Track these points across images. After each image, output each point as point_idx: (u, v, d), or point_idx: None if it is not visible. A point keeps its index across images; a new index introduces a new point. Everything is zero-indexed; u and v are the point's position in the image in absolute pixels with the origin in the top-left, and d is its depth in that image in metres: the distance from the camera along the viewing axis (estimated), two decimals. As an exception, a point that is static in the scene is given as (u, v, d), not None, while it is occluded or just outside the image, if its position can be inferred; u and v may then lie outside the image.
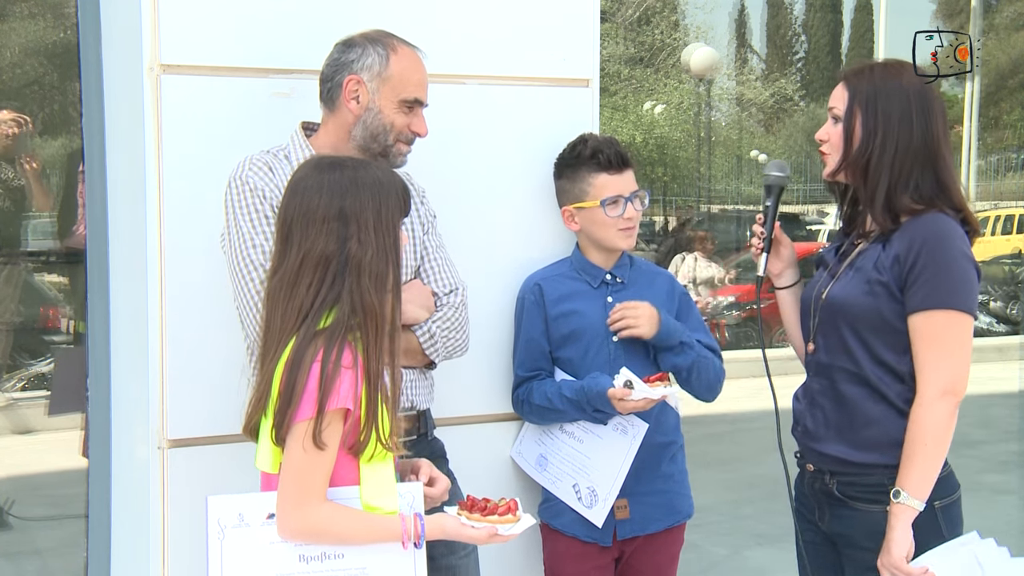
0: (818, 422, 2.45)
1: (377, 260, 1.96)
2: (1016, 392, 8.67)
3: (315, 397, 1.89)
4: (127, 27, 2.63)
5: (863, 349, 2.36)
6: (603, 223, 2.78)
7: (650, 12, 29.23)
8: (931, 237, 2.28)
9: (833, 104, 2.43)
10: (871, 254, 2.38)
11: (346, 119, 2.40)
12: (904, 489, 2.28)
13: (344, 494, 1.97)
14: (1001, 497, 6.09)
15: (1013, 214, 20.71)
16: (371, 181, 2.00)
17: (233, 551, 1.96)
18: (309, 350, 1.91)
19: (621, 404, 2.62)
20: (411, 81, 2.41)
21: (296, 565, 1.97)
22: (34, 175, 5.71)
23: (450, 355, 2.51)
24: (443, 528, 2.04)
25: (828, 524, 2.46)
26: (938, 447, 2.28)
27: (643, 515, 2.80)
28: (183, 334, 2.58)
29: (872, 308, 2.34)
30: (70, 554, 4.57)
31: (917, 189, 2.34)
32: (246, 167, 2.37)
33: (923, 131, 2.34)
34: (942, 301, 2.27)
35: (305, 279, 1.95)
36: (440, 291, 2.50)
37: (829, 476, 2.43)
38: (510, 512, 2.06)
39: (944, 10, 34.47)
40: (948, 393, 2.27)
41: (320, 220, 1.95)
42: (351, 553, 1.98)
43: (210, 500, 1.98)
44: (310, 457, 1.91)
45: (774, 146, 33.39)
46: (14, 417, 6.78)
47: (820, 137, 2.46)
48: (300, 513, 1.93)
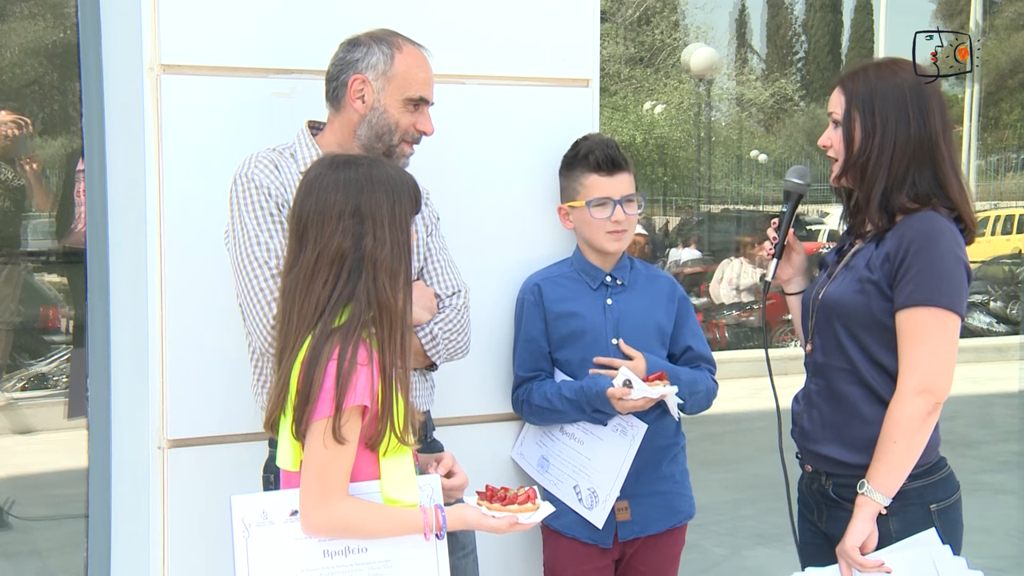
0: (815, 423, 2.45)
1: (392, 257, 1.99)
2: (1016, 392, 8.67)
3: (332, 395, 1.91)
4: (127, 27, 2.63)
5: (857, 348, 2.36)
6: (590, 224, 2.78)
7: (650, 12, 29.24)
8: (920, 235, 2.28)
9: (832, 109, 2.43)
10: (864, 253, 2.38)
11: (351, 118, 2.40)
12: (870, 482, 2.28)
13: (365, 488, 2.00)
14: (1001, 497, 6.09)
15: (1013, 214, 20.71)
16: (385, 179, 2.02)
17: (259, 549, 1.99)
18: (326, 348, 1.94)
19: (620, 404, 2.62)
20: (416, 80, 2.41)
21: (320, 560, 2.00)
22: (34, 175, 5.72)
23: (451, 357, 2.51)
24: (464, 519, 2.06)
25: (825, 525, 2.46)
26: (910, 445, 2.27)
27: (644, 516, 2.79)
28: (183, 334, 2.58)
29: (863, 306, 2.34)
30: (70, 554, 4.58)
31: (914, 187, 2.34)
32: (252, 164, 2.36)
33: (920, 128, 2.34)
34: (927, 298, 2.26)
35: (321, 276, 1.97)
36: (443, 293, 2.50)
37: (825, 477, 2.43)
38: (529, 501, 2.08)
39: (944, 10, 34.45)
40: (926, 391, 2.26)
41: (336, 217, 1.97)
42: (374, 547, 2.01)
43: (234, 499, 2.01)
44: (330, 454, 1.93)
45: (774, 146, 33.38)
46: (14, 417, 6.78)
47: (823, 143, 2.46)
48: (323, 509, 1.95)
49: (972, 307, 13.64)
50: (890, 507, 2.30)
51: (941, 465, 2.39)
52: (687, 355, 2.87)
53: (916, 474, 2.32)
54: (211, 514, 2.58)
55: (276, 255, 2.26)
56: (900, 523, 2.31)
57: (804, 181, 2.60)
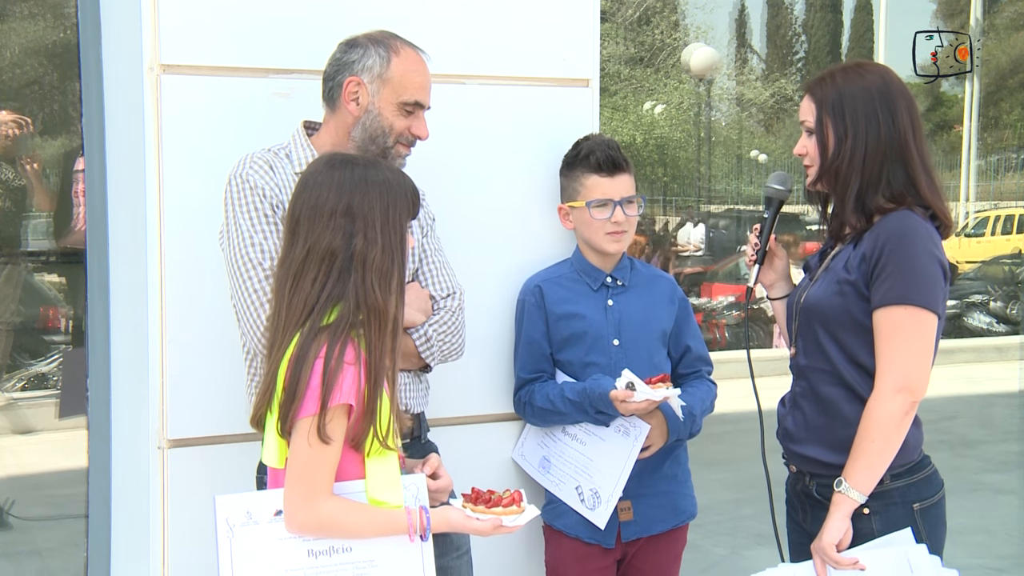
0: (798, 424, 2.46)
1: (383, 258, 1.99)
2: (1016, 392, 8.67)
3: (318, 393, 1.91)
4: (127, 27, 2.63)
5: (837, 349, 2.37)
6: (590, 224, 2.78)
7: (650, 12, 29.22)
8: (895, 234, 2.29)
9: (804, 117, 2.44)
10: (843, 255, 2.39)
11: (346, 120, 2.40)
12: (847, 480, 2.29)
13: (349, 488, 2.00)
14: (1001, 497, 6.09)
15: (1013, 214, 20.70)
16: (381, 181, 2.02)
17: (243, 549, 1.99)
18: (313, 346, 1.94)
19: (623, 406, 2.62)
20: (412, 84, 2.40)
21: (305, 560, 1.99)
22: (35, 175, 5.72)
23: (445, 359, 2.51)
24: (448, 520, 2.06)
25: (810, 525, 2.46)
26: (887, 443, 2.27)
27: (647, 516, 2.80)
28: (183, 334, 2.58)
29: (841, 308, 2.35)
30: (70, 554, 4.57)
31: (889, 186, 2.35)
32: (246, 165, 2.36)
33: (889, 128, 2.34)
34: (903, 297, 2.26)
35: (310, 273, 1.97)
36: (438, 295, 2.49)
37: (809, 478, 2.44)
38: (514, 503, 2.08)
39: (944, 10, 34.45)
40: (904, 390, 2.26)
41: (327, 215, 1.97)
42: (359, 547, 2.01)
43: (218, 499, 2.00)
44: (315, 452, 1.93)
45: (774, 146, 33.36)
46: (14, 417, 6.78)
47: (799, 152, 2.47)
48: (307, 507, 1.95)
49: (972, 307, 13.65)
50: (872, 506, 2.30)
51: (924, 464, 2.39)
52: (687, 356, 2.88)
53: (899, 473, 2.32)
54: (211, 514, 2.58)
55: (270, 256, 2.26)
56: (882, 522, 2.32)
57: (785, 187, 2.62)
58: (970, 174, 23.28)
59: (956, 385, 8.79)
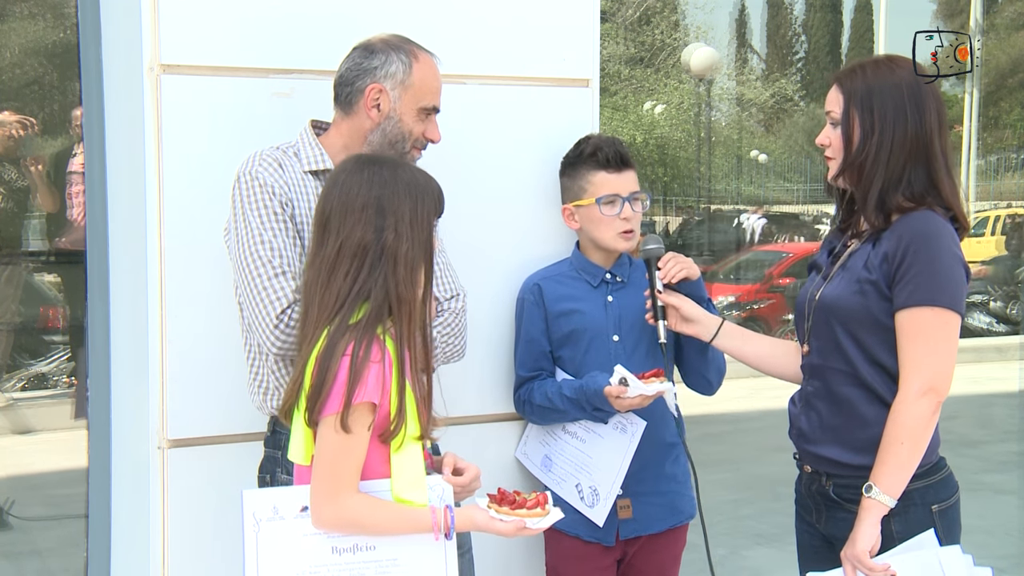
0: (813, 424, 2.44)
1: (412, 253, 2.02)
2: (1016, 392, 8.68)
3: (344, 390, 1.94)
4: (127, 27, 2.63)
5: (857, 349, 2.35)
6: (599, 222, 2.77)
7: (650, 12, 29.24)
8: (919, 235, 2.27)
9: (830, 108, 2.41)
10: (861, 254, 2.37)
11: (363, 124, 2.40)
12: (876, 485, 2.27)
13: (375, 487, 2.02)
14: (1001, 497, 6.09)
15: (1013, 214, 20.69)
16: (409, 179, 2.07)
17: (268, 544, 2.00)
18: (340, 343, 1.96)
19: (618, 402, 2.62)
20: (431, 89, 2.42)
21: (329, 557, 2.01)
22: (39, 176, 5.72)
23: (448, 360, 2.51)
24: (473, 520, 2.08)
25: (825, 526, 2.45)
26: (916, 445, 2.26)
27: (646, 515, 2.80)
28: (183, 334, 2.58)
29: (862, 307, 2.33)
30: (70, 554, 4.58)
31: (910, 186, 2.33)
32: (256, 162, 2.36)
33: (916, 126, 2.32)
34: (928, 298, 2.25)
35: (342, 267, 2.00)
36: (441, 296, 2.49)
37: (825, 478, 2.42)
38: (539, 506, 2.09)
39: (944, 10, 34.46)
40: (930, 391, 2.26)
41: (359, 209, 2.01)
42: (383, 544, 2.03)
43: (245, 494, 2.03)
44: (341, 449, 1.95)
45: (774, 146, 33.40)
46: (14, 417, 6.78)
47: (821, 142, 2.44)
48: (333, 504, 1.97)
49: (972, 307, 13.63)
50: (892, 508, 2.29)
51: (941, 465, 2.39)
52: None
53: (918, 475, 2.31)
54: (211, 514, 2.59)
55: (279, 253, 2.26)
56: (902, 524, 2.31)
57: (659, 245, 2.71)
58: (970, 174, 23.26)
59: (956, 385, 8.71)
